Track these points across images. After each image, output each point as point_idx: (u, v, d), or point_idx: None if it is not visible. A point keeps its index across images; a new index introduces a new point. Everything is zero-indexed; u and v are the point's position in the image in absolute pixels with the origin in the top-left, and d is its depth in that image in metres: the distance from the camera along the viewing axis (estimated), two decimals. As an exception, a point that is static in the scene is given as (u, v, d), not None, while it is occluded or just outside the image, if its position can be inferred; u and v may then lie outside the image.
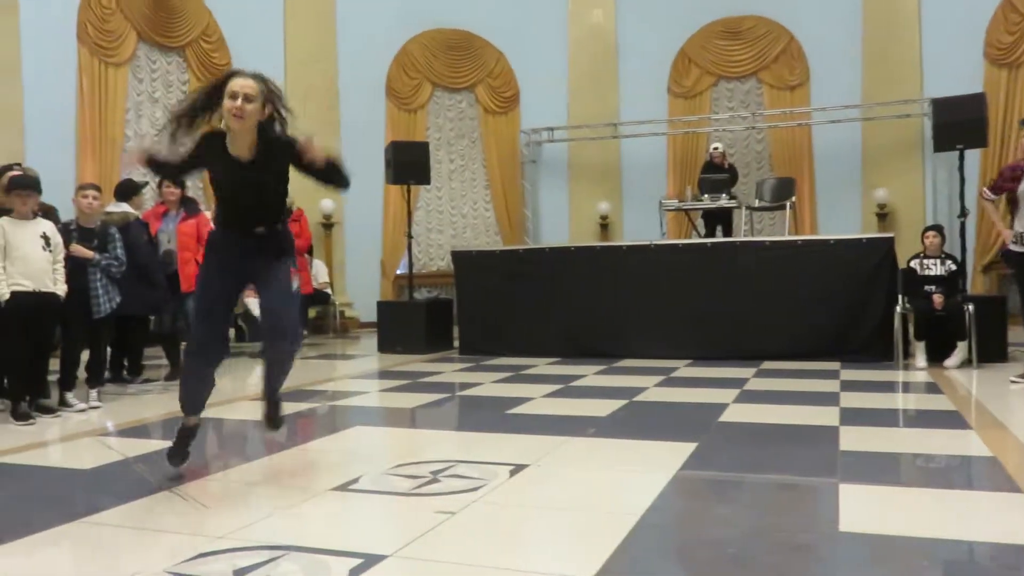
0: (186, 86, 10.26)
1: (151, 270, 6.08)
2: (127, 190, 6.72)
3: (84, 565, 2.52)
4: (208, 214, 7.17)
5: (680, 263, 7.65)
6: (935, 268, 6.86)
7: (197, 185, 10.14)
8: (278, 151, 3.22)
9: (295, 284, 3.33)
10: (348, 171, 3.35)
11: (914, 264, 6.95)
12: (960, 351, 6.59)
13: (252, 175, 3.20)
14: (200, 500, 3.11)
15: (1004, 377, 6.04)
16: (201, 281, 3.41)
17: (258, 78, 3.18)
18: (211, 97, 3.18)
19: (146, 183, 7.73)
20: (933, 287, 6.75)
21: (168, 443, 3.46)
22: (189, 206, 6.59)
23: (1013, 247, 5.83)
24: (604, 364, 7.15)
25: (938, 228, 7.11)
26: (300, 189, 10.47)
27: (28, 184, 4.94)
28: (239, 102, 3.08)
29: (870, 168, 11.26)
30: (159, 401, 5.59)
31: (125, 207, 6.46)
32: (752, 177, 11.55)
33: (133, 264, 5.66)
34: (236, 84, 3.11)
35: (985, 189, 6.25)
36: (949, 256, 6.98)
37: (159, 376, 6.57)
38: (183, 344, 6.80)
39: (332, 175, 3.29)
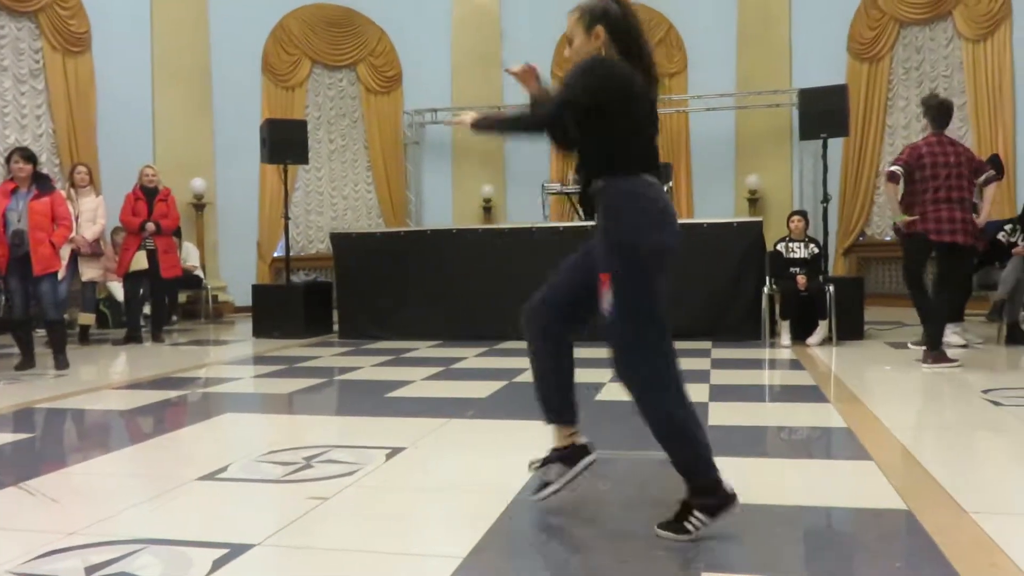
0: (39, 54, 9.56)
1: None
2: None
3: (-87, 570, 2.31)
4: (63, 192, 6.72)
5: (560, 245, 7.64)
6: (799, 251, 7.20)
7: (53, 161, 9.50)
8: None
9: (607, 300, 2.45)
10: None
11: (780, 247, 7.27)
12: (821, 329, 6.95)
13: None
14: (50, 495, 2.90)
15: (860, 353, 6.43)
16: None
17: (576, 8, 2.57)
18: None
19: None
20: (797, 269, 7.08)
21: (18, 436, 3.21)
22: (42, 183, 6.13)
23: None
24: (486, 346, 7.15)
25: (802, 213, 7.46)
26: (165, 170, 9.85)
27: None
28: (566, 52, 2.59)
29: (743, 155, 11.70)
30: (5, 392, 5.20)
31: None
32: (632, 162, 11.80)
33: None
34: None
35: None
36: (812, 240, 7.34)
37: (10, 366, 6.12)
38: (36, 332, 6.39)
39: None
